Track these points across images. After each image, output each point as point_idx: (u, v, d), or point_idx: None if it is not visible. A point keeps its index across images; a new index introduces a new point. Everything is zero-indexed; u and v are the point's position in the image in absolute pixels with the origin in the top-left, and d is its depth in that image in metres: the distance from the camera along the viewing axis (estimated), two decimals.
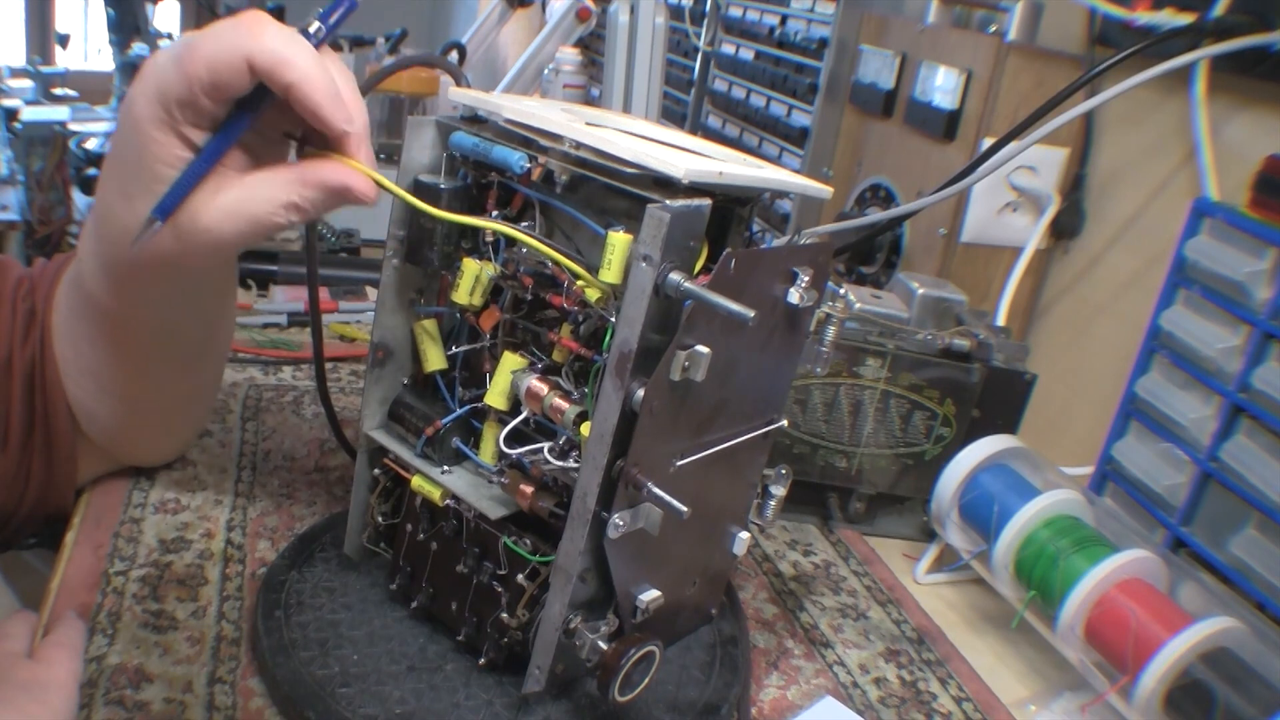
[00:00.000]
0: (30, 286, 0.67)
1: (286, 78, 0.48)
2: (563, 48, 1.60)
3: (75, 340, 0.65)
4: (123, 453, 0.71)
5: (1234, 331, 0.70)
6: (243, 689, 0.56)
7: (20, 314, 0.65)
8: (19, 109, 2.26)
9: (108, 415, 0.67)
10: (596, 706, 0.56)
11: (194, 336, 0.66)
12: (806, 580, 0.75)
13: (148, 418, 0.69)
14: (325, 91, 0.49)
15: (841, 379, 0.77)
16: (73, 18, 3.50)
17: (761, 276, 0.50)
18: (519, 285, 0.55)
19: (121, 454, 0.72)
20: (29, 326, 0.66)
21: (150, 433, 0.71)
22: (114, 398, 0.66)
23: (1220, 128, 0.79)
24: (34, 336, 0.65)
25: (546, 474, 0.54)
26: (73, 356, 0.65)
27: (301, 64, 0.48)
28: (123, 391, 0.66)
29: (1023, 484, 0.71)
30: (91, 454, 0.70)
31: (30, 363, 0.65)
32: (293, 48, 0.48)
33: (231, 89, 0.50)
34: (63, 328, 0.65)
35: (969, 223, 0.93)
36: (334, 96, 0.49)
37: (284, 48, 0.48)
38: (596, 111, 0.61)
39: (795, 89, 1.14)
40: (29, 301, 0.66)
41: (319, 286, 0.67)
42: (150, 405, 0.68)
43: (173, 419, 0.72)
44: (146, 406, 0.68)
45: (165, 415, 0.71)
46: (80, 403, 0.67)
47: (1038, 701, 0.65)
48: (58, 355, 0.66)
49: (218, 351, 0.72)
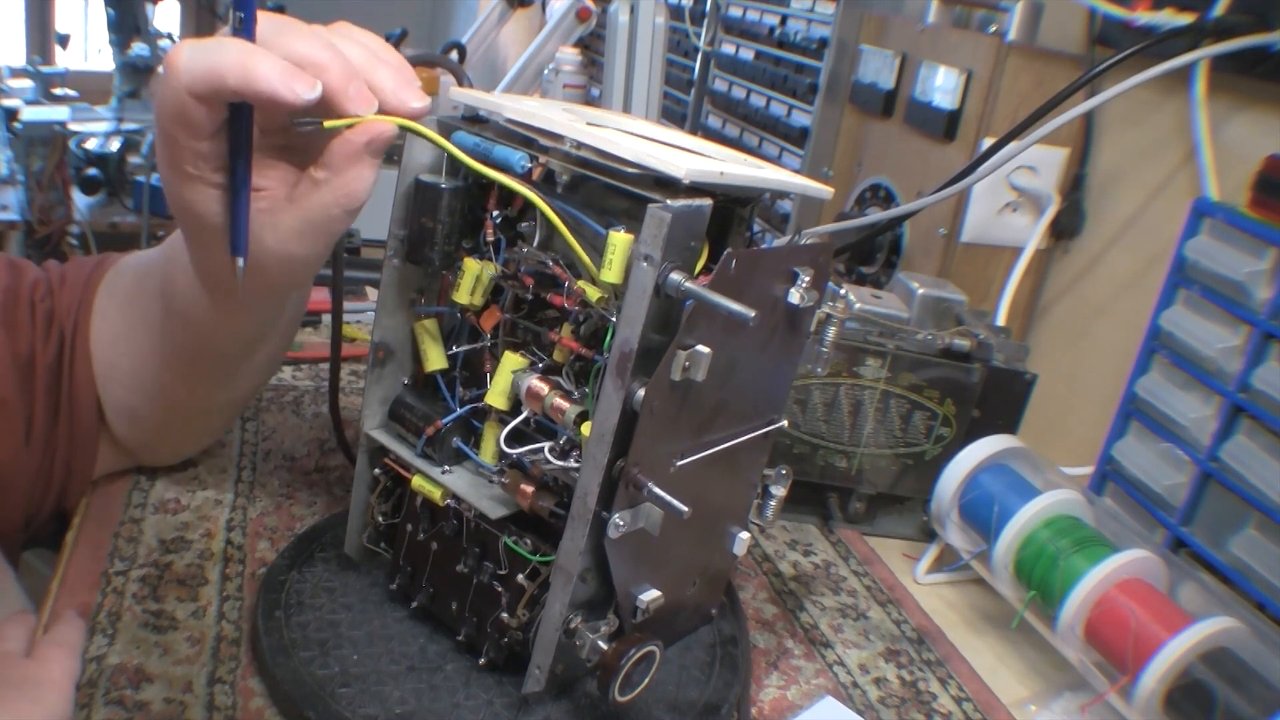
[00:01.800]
0: (49, 288, 0.68)
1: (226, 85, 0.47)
2: (563, 48, 1.60)
3: (133, 349, 0.66)
4: (147, 452, 0.73)
5: (1234, 331, 0.70)
6: (243, 689, 0.56)
7: (40, 315, 0.66)
8: (19, 109, 2.26)
9: (144, 411, 0.69)
10: (596, 706, 0.56)
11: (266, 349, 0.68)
12: (806, 580, 0.75)
13: (183, 420, 0.71)
14: (267, 74, 0.47)
15: (841, 379, 0.77)
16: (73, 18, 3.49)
17: (762, 277, 0.50)
18: (520, 285, 0.55)
19: (145, 454, 0.73)
20: (49, 327, 0.67)
21: (178, 433, 0.72)
22: (154, 399, 0.68)
23: (1220, 128, 0.79)
24: (54, 336, 0.67)
25: (547, 474, 0.54)
26: (127, 366, 0.67)
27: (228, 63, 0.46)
28: (164, 392, 0.67)
29: (1023, 484, 0.71)
30: (109, 451, 0.71)
31: (53, 363, 0.66)
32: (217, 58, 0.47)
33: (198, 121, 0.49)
34: (113, 334, 0.67)
35: (969, 223, 0.93)
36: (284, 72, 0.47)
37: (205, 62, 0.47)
38: (597, 111, 0.61)
39: (795, 89, 1.14)
40: (48, 303, 0.67)
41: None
42: (194, 410, 0.70)
43: (211, 421, 0.74)
44: (184, 409, 0.70)
45: (205, 418, 0.73)
46: (122, 405, 0.68)
47: (1038, 701, 0.65)
48: (97, 359, 0.67)
49: (268, 370, 0.73)
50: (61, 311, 0.67)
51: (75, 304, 0.67)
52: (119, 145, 2.26)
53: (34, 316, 0.66)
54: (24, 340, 0.65)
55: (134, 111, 2.44)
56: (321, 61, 0.49)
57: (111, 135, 2.27)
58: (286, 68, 0.47)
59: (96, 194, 2.25)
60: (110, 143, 2.26)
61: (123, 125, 2.34)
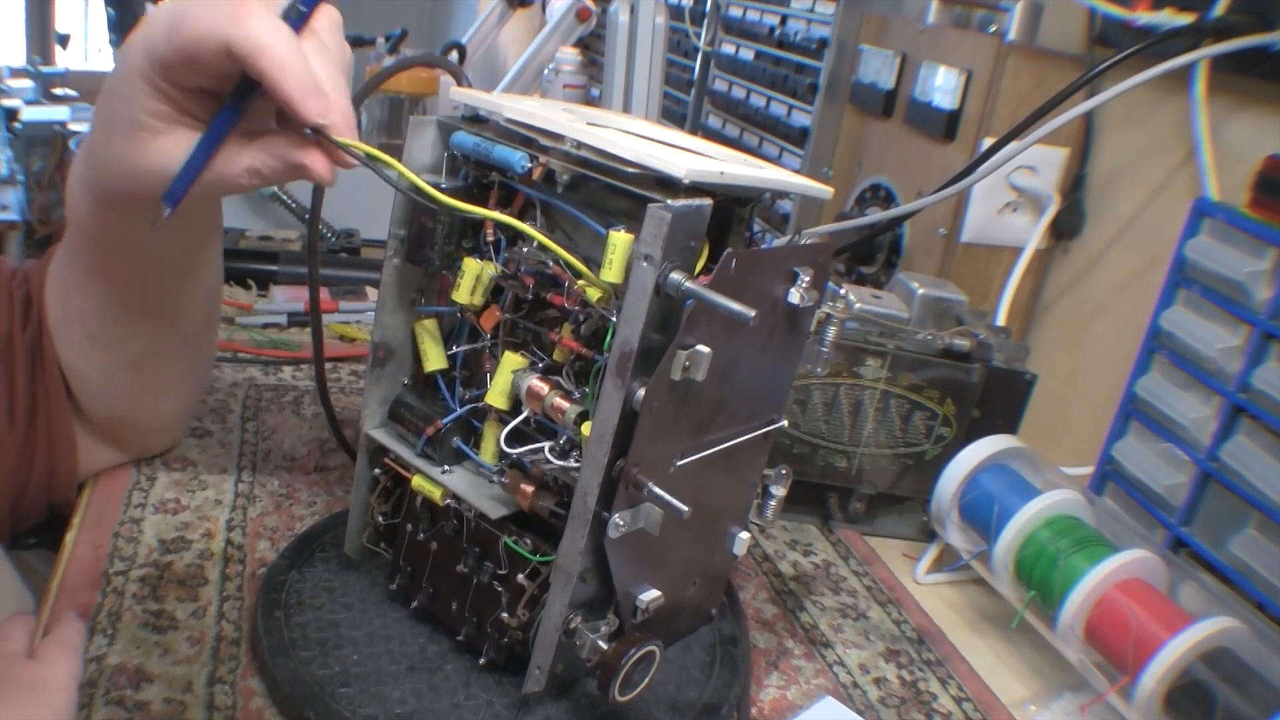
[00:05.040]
0: (24, 276, 0.69)
1: (260, 65, 0.48)
2: (563, 48, 1.60)
3: (64, 291, 0.67)
4: (120, 429, 0.72)
5: (1234, 331, 0.70)
6: (243, 689, 0.56)
7: (17, 300, 0.68)
8: (19, 109, 2.26)
9: (98, 376, 0.69)
10: (596, 706, 0.56)
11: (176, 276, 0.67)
12: (806, 580, 0.75)
13: (138, 375, 0.70)
14: (299, 83, 0.48)
15: (841, 379, 0.77)
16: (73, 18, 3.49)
17: (762, 276, 0.50)
18: (520, 285, 0.55)
19: (119, 431, 0.73)
20: (27, 311, 0.68)
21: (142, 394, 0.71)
22: (101, 352, 0.68)
23: (1220, 128, 0.79)
24: (33, 320, 0.68)
25: (547, 474, 0.54)
26: (61, 310, 0.67)
27: (277, 54, 0.48)
28: (111, 342, 0.67)
29: (1023, 484, 0.71)
30: (91, 437, 0.71)
31: (30, 346, 0.68)
32: (270, 37, 0.48)
33: (211, 68, 0.50)
34: (52, 284, 0.68)
35: (969, 223, 0.93)
36: (309, 89, 0.49)
37: (261, 36, 0.48)
38: (597, 111, 0.61)
39: (795, 89, 1.14)
40: (25, 288, 0.69)
41: (319, 286, 0.67)
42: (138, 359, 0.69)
43: (163, 376, 0.72)
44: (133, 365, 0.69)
45: (155, 371, 0.71)
46: (71, 365, 0.68)
47: (1038, 701, 0.65)
48: (49, 319, 0.68)
49: (205, 297, 0.71)
50: (35, 296, 0.69)
51: (40, 283, 0.69)
52: None
53: (11, 302, 0.68)
54: (3, 323, 0.67)
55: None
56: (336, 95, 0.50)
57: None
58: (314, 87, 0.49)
59: None
60: None
61: None
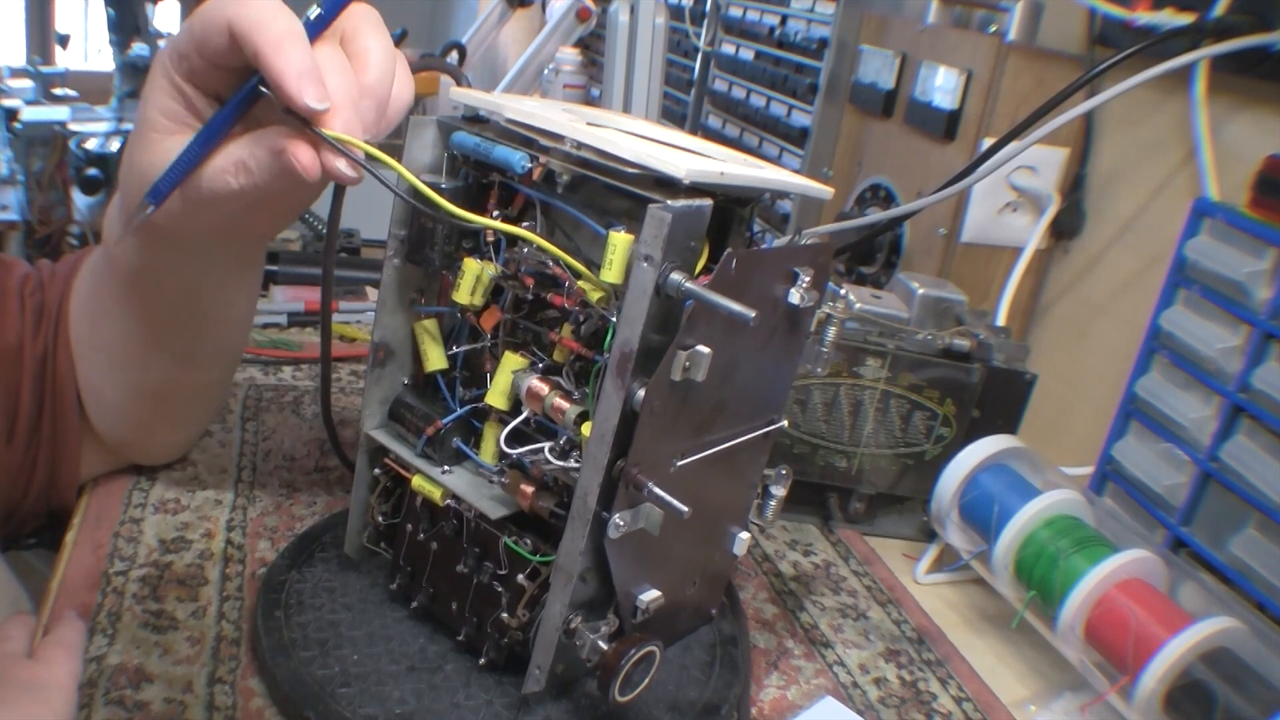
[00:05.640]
0: (39, 283, 0.68)
1: (254, 42, 0.47)
2: (563, 48, 1.60)
3: (93, 314, 0.66)
4: (126, 447, 0.72)
5: (1234, 331, 0.70)
6: (243, 689, 0.56)
7: (29, 309, 0.67)
8: (19, 109, 2.26)
9: (116, 399, 0.68)
10: (596, 706, 0.56)
11: (207, 311, 0.66)
12: (806, 580, 0.75)
13: (154, 406, 0.69)
14: (291, 64, 0.47)
15: (841, 379, 0.77)
16: (73, 18, 3.50)
17: (762, 277, 0.50)
18: (520, 285, 0.55)
19: (125, 449, 0.72)
20: (39, 321, 0.67)
21: (155, 424, 0.71)
22: (123, 377, 0.67)
23: (1220, 128, 0.79)
24: (45, 331, 0.67)
25: (547, 474, 0.54)
26: (88, 333, 0.66)
27: (271, 31, 0.47)
28: (132, 370, 0.66)
29: (1023, 484, 0.71)
30: (95, 449, 0.70)
31: (41, 356, 0.67)
32: (268, 14, 0.48)
33: (219, 56, 0.50)
34: (80, 304, 0.67)
35: (969, 223, 0.93)
36: (303, 72, 0.47)
37: (259, 12, 0.48)
38: (597, 112, 0.61)
39: (795, 89, 1.14)
40: (38, 296, 0.67)
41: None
42: (157, 391, 0.68)
43: (178, 410, 0.72)
44: (153, 391, 0.68)
45: (171, 405, 0.71)
46: (90, 385, 0.67)
47: (1038, 701, 0.65)
48: (72, 337, 0.67)
49: (230, 344, 0.71)
50: (50, 306, 0.67)
51: (58, 298, 0.68)
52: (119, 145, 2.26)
53: (23, 310, 0.66)
54: (11, 332, 0.66)
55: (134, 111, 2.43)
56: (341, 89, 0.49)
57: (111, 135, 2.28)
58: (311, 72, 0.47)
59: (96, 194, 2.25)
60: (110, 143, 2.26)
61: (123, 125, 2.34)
